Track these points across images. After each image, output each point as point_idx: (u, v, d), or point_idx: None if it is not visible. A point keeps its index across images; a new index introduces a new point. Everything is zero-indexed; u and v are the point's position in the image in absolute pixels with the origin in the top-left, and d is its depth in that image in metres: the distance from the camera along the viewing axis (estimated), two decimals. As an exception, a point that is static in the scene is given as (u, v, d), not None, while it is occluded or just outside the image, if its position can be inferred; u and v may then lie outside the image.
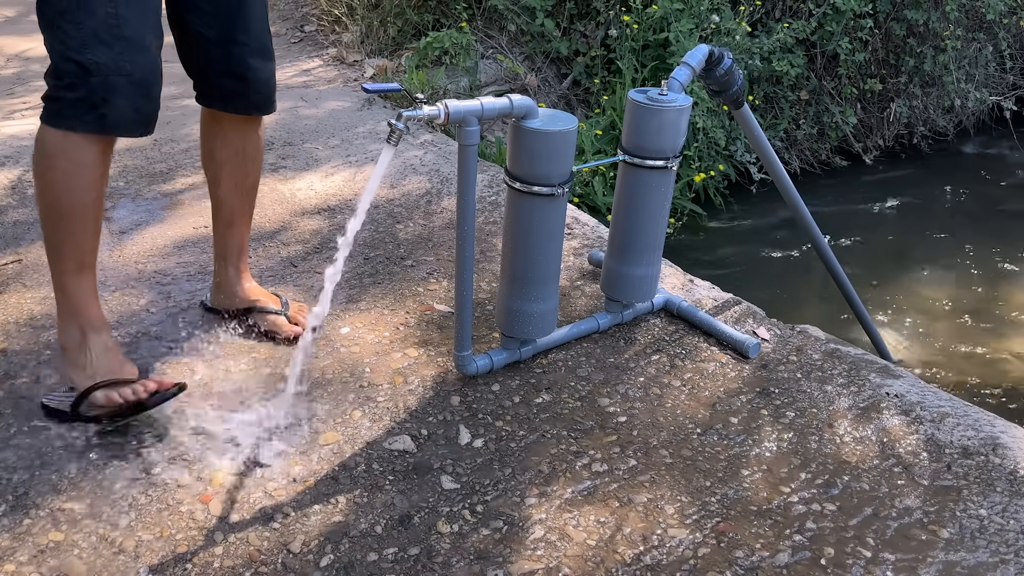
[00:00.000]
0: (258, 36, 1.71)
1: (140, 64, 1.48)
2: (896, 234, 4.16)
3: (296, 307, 1.98)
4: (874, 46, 4.73)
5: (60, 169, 1.52)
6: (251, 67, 1.71)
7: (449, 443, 1.64)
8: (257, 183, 1.90)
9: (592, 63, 4.37)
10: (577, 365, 1.89)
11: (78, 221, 1.57)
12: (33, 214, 2.53)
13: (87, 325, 1.63)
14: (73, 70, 1.44)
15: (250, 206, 1.91)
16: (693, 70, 1.91)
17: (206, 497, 1.49)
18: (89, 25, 1.43)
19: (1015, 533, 1.43)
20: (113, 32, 1.44)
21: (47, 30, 1.47)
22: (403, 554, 1.39)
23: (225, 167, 1.82)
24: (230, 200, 1.85)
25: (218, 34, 1.66)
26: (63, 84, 1.47)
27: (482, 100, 1.57)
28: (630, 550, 1.41)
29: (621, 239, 1.95)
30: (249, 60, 1.70)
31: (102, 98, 1.46)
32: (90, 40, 1.43)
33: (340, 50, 4.54)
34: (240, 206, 1.88)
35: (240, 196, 1.86)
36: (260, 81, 1.73)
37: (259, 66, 1.72)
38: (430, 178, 2.89)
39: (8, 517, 1.43)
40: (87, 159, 1.52)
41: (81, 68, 1.44)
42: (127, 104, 1.48)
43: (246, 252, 1.95)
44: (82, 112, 1.47)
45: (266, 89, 1.76)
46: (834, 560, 1.38)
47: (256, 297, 1.94)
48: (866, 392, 1.81)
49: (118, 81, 1.46)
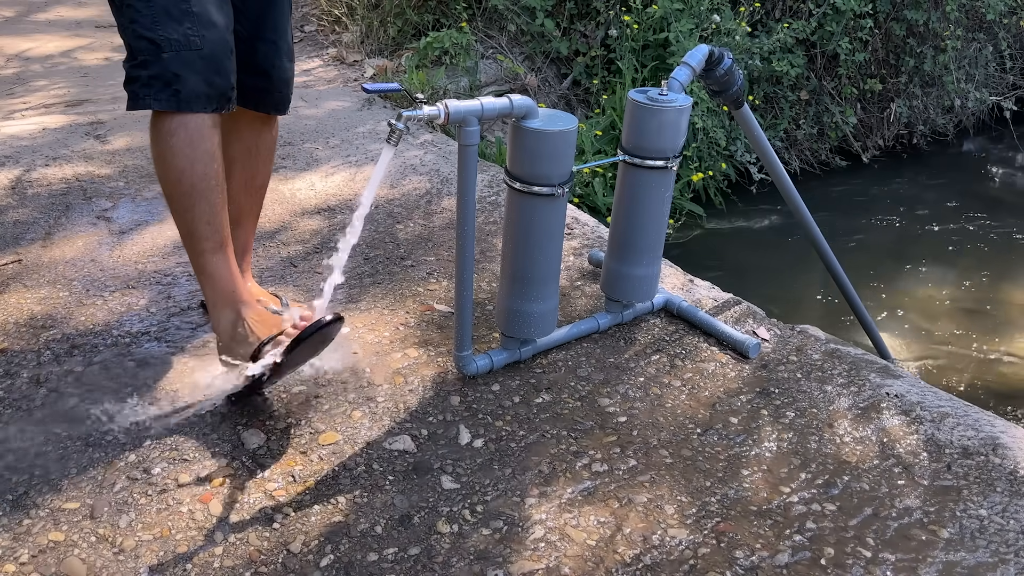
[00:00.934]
0: (285, 36, 1.75)
1: (210, 39, 1.50)
2: (896, 234, 4.16)
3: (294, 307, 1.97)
4: (874, 46, 4.73)
5: (180, 149, 1.53)
6: (276, 66, 1.74)
7: (449, 443, 1.64)
8: (266, 184, 1.91)
9: (592, 63, 4.37)
10: (577, 365, 1.89)
11: (206, 197, 1.57)
12: (33, 214, 2.53)
13: (240, 303, 1.64)
14: (145, 47, 1.46)
15: (258, 206, 1.91)
16: (693, 70, 1.91)
17: (206, 497, 1.49)
18: (159, 2, 1.46)
19: (1015, 533, 1.43)
20: (182, 7, 1.47)
21: (117, 12, 1.50)
22: (403, 554, 1.39)
23: (236, 164, 1.83)
24: (238, 198, 1.85)
25: (247, 31, 1.69)
26: (137, 63, 1.48)
27: (482, 100, 1.57)
28: (630, 550, 1.41)
29: (621, 239, 1.95)
30: (275, 58, 1.73)
31: (174, 74, 1.47)
32: (160, 16, 1.46)
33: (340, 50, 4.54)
34: (248, 205, 1.88)
35: (248, 195, 1.87)
36: (282, 81, 1.77)
37: (283, 65, 1.76)
38: (430, 178, 2.89)
39: (8, 517, 1.43)
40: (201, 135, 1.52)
41: (153, 44, 1.46)
42: (199, 79, 1.49)
43: (250, 253, 1.95)
44: (157, 90, 1.48)
45: (287, 89, 1.79)
46: (834, 560, 1.38)
47: (257, 298, 1.94)
48: (866, 392, 1.81)
49: (189, 56, 1.47)
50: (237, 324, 1.63)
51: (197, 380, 1.78)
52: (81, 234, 2.41)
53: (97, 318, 1.99)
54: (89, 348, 1.88)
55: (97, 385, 1.76)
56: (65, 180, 2.75)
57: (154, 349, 1.89)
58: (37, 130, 3.23)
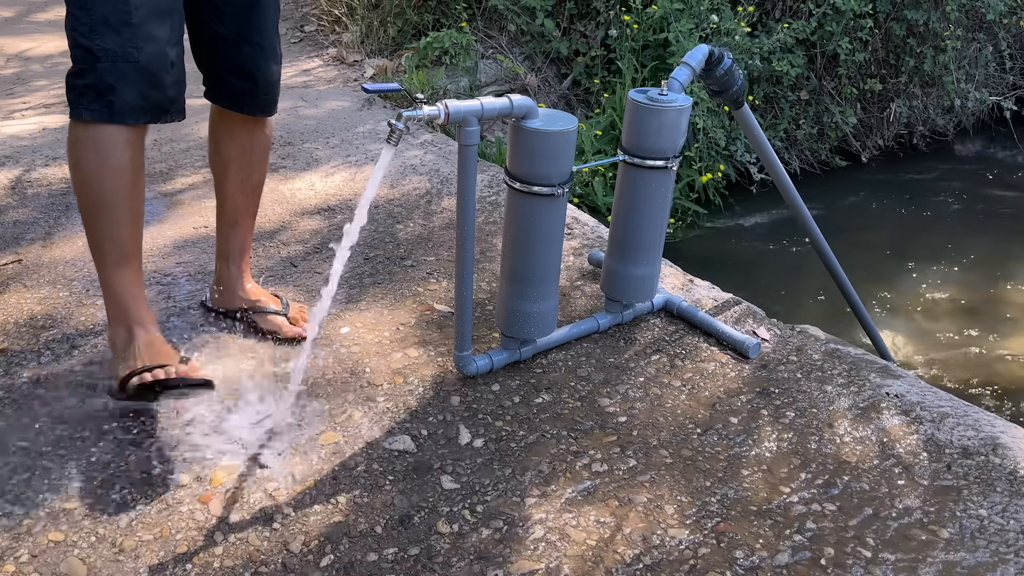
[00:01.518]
0: (270, 38, 1.74)
1: (147, 51, 1.48)
2: (896, 234, 4.16)
3: (296, 308, 1.98)
4: (874, 46, 4.73)
5: (87, 159, 1.53)
6: (260, 68, 1.73)
7: (449, 443, 1.64)
8: (262, 183, 1.91)
9: (592, 63, 4.37)
10: (577, 365, 1.89)
11: (111, 211, 1.56)
12: (33, 214, 2.53)
13: (134, 322, 1.63)
14: (82, 55, 1.46)
15: (254, 206, 1.91)
16: (693, 70, 1.91)
17: (206, 497, 1.49)
18: (100, 11, 1.44)
19: (1015, 533, 1.43)
20: (123, 18, 1.45)
21: (66, 17, 1.49)
22: (403, 554, 1.39)
23: (232, 164, 1.83)
24: (235, 197, 1.86)
25: (232, 33, 1.69)
26: (74, 71, 1.48)
27: (482, 100, 1.57)
28: (630, 550, 1.41)
29: (621, 239, 1.95)
30: (260, 61, 1.72)
31: (109, 85, 1.46)
32: (99, 26, 1.45)
33: (340, 50, 4.54)
34: (244, 205, 1.88)
35: (245, 194, 1.87)
36: (268, 83, 1.76)
37: (268, 68, 1.75)
38: (430, 178, 2.89)
39: (8, 517, 1.43)
40: (112, 148, 1.51)
41: (89, 53, 1.45)
42: (133, 91, 1.48)
43: (248, 252, 1.95)
44: (90, 99, 1.47)
45: (273, 92, 1.78)
46: (834, 560, 1.38)
47: (257, 297, 1.95)
48: (866, 392, 1.81)
49: (125, 67, 1.46)
50: (128, 344, 1.62)
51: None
52: (81, 234, 2.41)
53: (97, 318, 1.99)
54: (89, 348, 1.88)
55: (97, 385, 1.76)
56: (65, 180, 2.75)
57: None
58: (37, 130, 3.23)
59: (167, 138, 3.17)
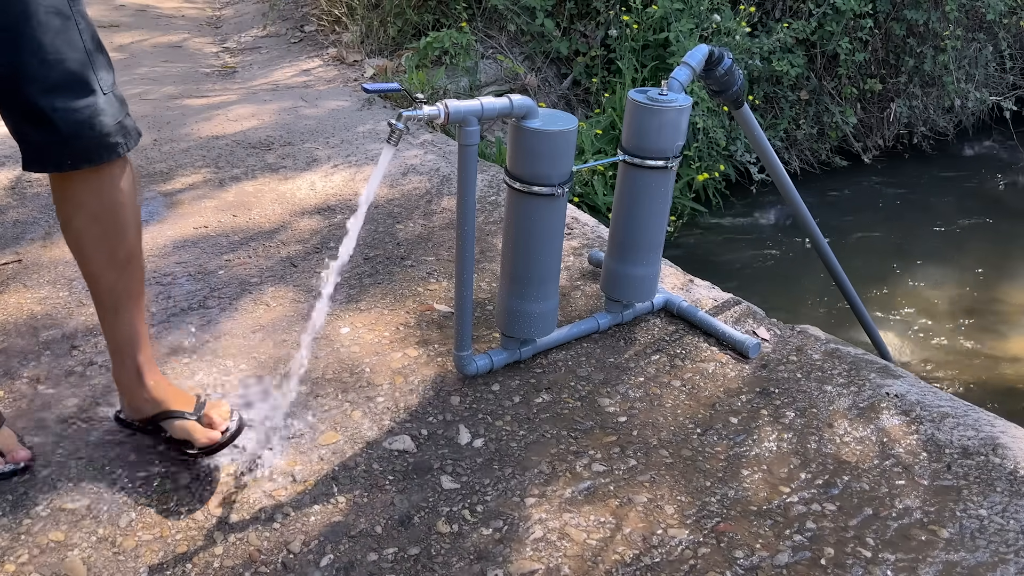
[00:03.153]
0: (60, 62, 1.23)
1: None
2: (896, 234, 4.16)
3: (212, 405, 1.57)
4: (874, 46, 4.73)
5: None
6: (55, 108, 1.24)
7: (449, 443, 1.64)
8: (136, 253, 1.45)
9: (592, 63, 4.38)
10: (577, 365, 1.89)
11: None
12: (33, 214, 2.53)
13: None
14: None
15: (136, 283, 1.47)
16: (693, 70, 1.91)
17: (206, 497, 1.49)
18: None
19: (1015, 533, 1.43)
20: None
21: None
22: (403, 554, 1.39)
23: (86, 237, 1.39)
24: (106, 277, 1.43)
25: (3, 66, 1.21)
26: None
27: (482, 100, 1.57)
28: (630, 550, 1.41)
29: (621, 239, 1.95)
30: (46, 98, 1.23)
31: None
32: None
33: (340, 50, 4.54)
34: (121, 284, 1.44)
35: (117, 271, 1.43)
36: (75, 124, 1.26)
37: (66, 105, 1.25)
38: (430, 178, 2.89)
39: (8, 517, 1.43)
40: None
41: None
42: None
43: (146, 341, 1.52)
44: None
45: (90, 133, 1.27)
46: (834, 560, 1.38)
47: (162, 398, 1.55)
48: (866, 392, 1.81)
49: None
50: None
51: (198, 380, 1.78)
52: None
53: (97, 318, 1.99)
54: (89, 348, 1.88)
55: (97, 385, 1.76)
56: (65, 180, 2.75)
57: (153, 350, 1.89)
58: None
59: (167, 138, 3.17)
